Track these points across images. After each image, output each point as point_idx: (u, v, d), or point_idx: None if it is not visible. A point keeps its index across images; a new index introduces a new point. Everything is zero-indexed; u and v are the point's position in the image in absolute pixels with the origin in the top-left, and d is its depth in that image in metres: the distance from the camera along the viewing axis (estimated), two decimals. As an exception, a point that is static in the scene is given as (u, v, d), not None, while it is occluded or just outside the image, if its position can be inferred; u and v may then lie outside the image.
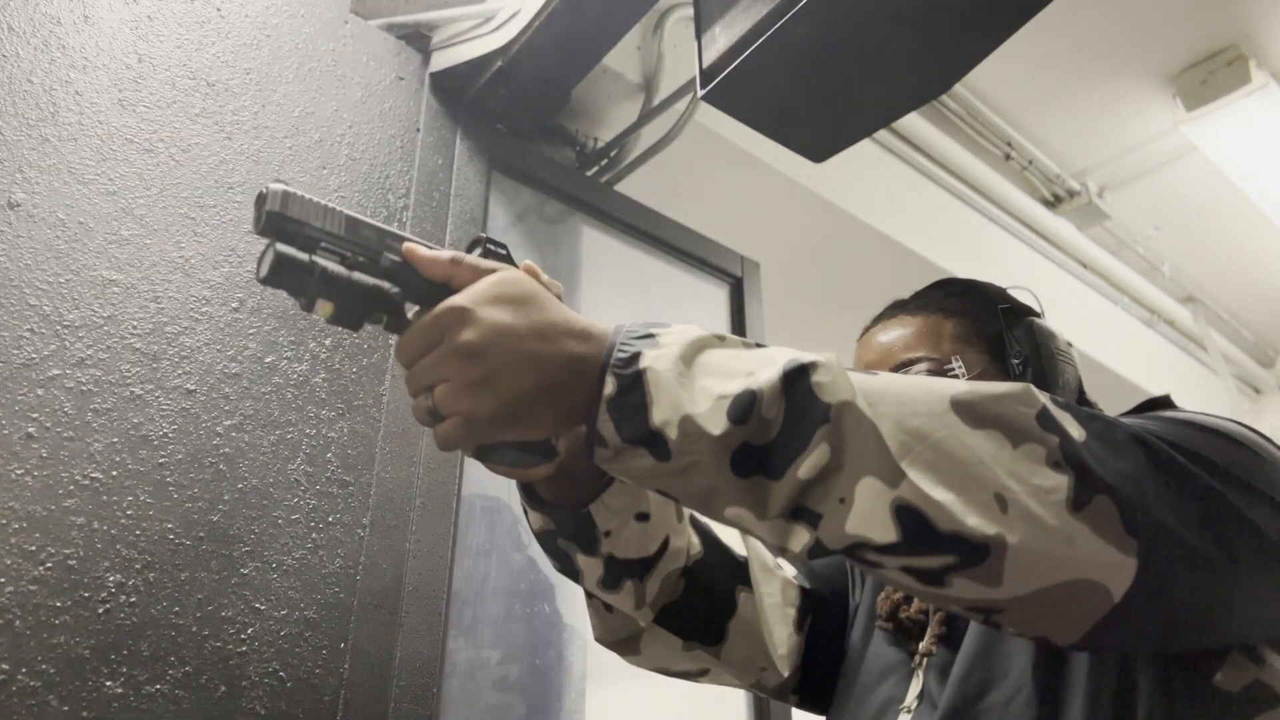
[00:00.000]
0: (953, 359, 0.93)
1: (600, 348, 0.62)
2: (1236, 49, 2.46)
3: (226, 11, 1.36)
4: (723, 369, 0.60)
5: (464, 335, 0.61)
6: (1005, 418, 0.59)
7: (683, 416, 0.58)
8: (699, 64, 1.25)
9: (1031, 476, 0.57)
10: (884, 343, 0.98)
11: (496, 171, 1.63)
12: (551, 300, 0.65)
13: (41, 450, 1.02)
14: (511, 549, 1.45)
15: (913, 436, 0.58)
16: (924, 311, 0.98)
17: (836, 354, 0.61)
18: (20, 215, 1.08)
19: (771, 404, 0.58)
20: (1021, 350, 0.94)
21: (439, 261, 0.66)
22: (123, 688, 0.99)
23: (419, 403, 0.64)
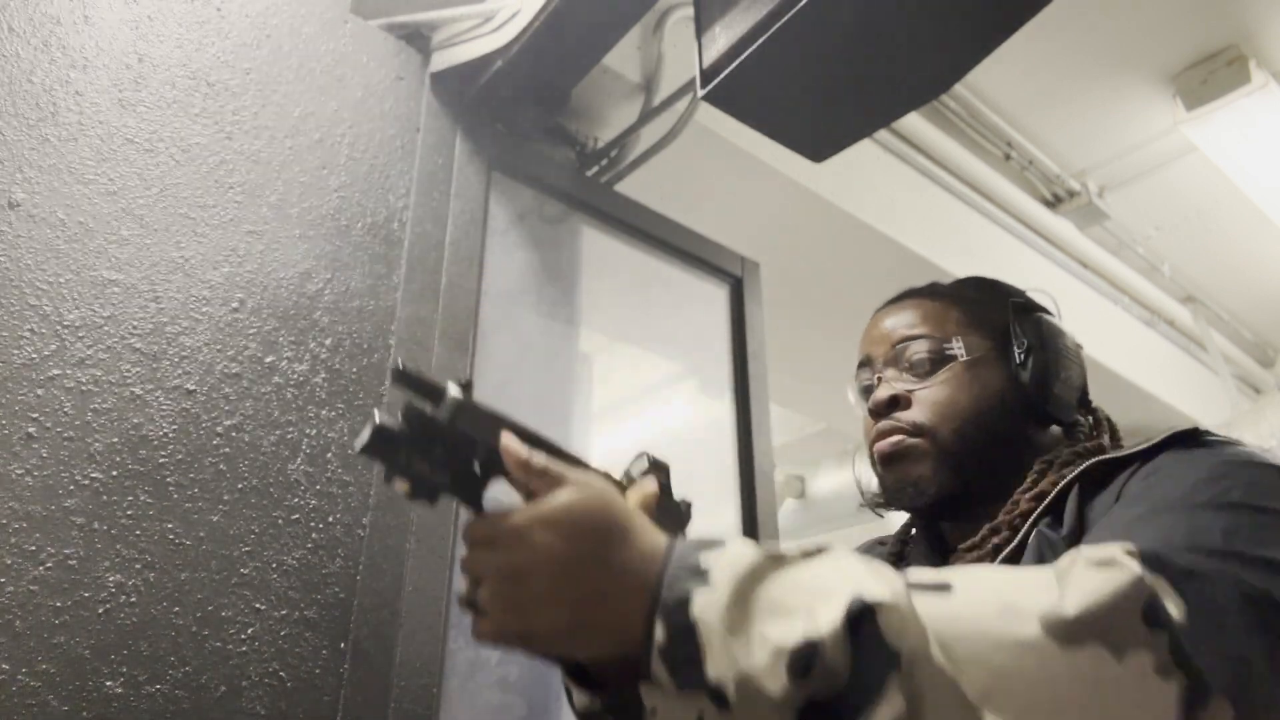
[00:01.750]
0: (953, 339, 0.94)
1: (649, 580, 0.59)
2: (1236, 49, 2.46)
3: (226, 11, 1.36)
4: (780, 606, 0.55)
5: (511, 556, 0.61)
6: (1106, 626, 0.55)
7: (739, 675, 0.53)
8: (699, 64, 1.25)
9: (1139, 697, 0.54)
10: (888, 324, 1.00)
11: (496, 171, 1.63)
12: (621, 535, 0.62)
13: (41, 450, 1.02)
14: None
15: (995, 677, 0.53)
16: (933, 297, 1.00)
17: (903, 585, 0.57)
18: (20, 215, 1.08)
19: (836, 653, 0.53)
20: (1026, 341, 0.93)
21: (521, 463, 0.66)
22: (123, 688, 0.99)
23: (464, 587, 0.65)
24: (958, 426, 0.91)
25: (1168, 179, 2.94)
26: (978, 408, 0.91)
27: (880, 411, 0.94)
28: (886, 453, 0.93)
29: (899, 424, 0.93)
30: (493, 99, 1.60)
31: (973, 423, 0.91)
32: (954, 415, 0.91)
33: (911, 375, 0.95)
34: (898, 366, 0.96)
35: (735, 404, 1.83)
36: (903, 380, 0.95)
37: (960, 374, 0.93)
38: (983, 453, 0.90)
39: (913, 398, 0.93)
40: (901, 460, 0.92)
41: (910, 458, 0.92)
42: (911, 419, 0.92)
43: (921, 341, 0.95)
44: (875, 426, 0.95)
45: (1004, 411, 0.92)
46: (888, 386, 0.95)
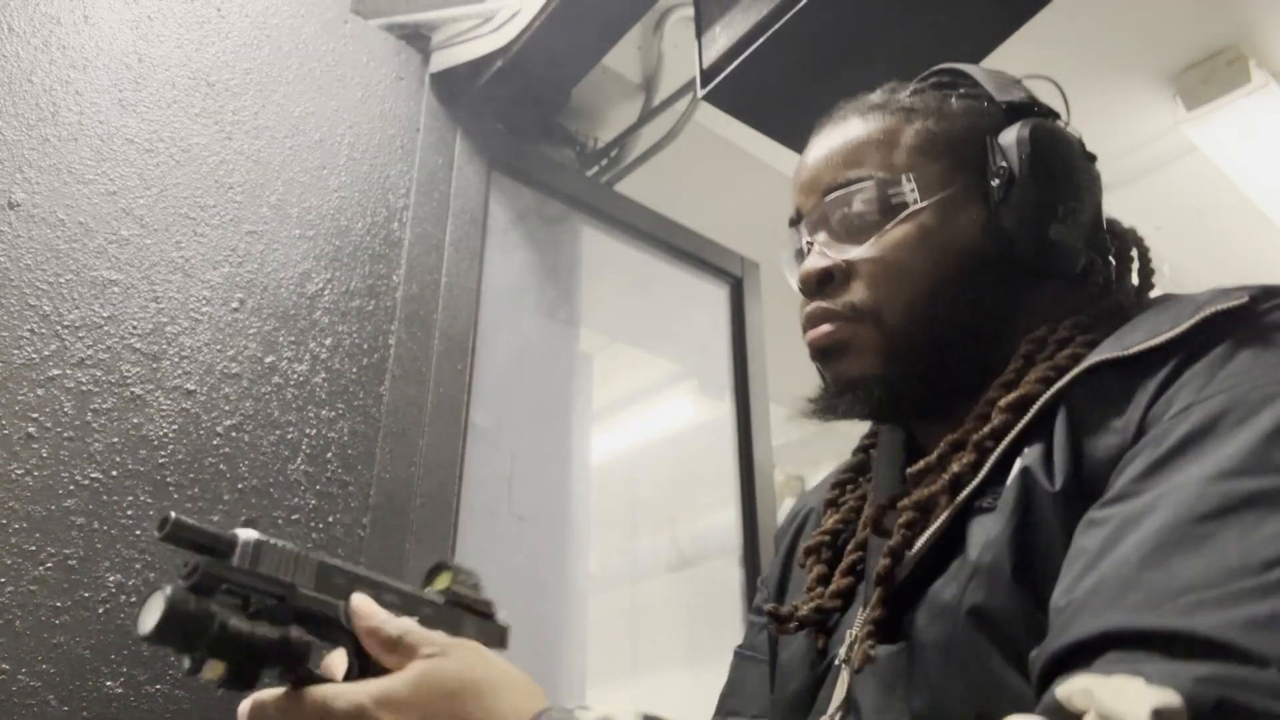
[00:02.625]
0: (903, 177, 0.68)
1: None
2: (1236, 49, 2.45)
3: (226, 11, 1.36)
4: None
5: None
6: None
7: None
8: (699, 64, 1.25)
9: None
10: (817, 159, 0.74)
11: (496, 171, 1.63)
12: (477, 695, 0.56)
13: (41, 450, 1.02)
14: (511, 549, 1.45)
15: None
16: (880, 110, 0.73)
17: None
18: (20, 215, 1.08)
19: None
20: (1006, 165, 0.67)
21: (376, 636, 0.57)
22: (123, 688, 0.99)
23: None
24: (910, 303, 0.66)
25: (1168, 179, 2.94)
26: (936, 273, 0.66)
27: (810, 289, 0.71)
28: (817, 346, 0.71)
29: (832, 307, 0.69)
30: (493, 99, 1.60)
31: (929, 295, 0.66)
32: (905, 287, 0.67)
33: (851, 234, 0.70)
34: (831, 224, 0.71)
35: (735, 404, 1.83)
36: (839, 244, 0.70)
37: (914, 229, 0.67)
38: (947, 335, 0.66)
39: (853, 268, 0.69)
40: (839, 356, 0.69)
41: (849, 352, 0.69)
42: (849, 300, 0.68)
43: (859, 188, 0.69)
44: (805, 307, 0.72)
45: (975, 272, 0.67)
46: (818, 255, 0.70)
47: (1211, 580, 0.42)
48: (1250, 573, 0.41)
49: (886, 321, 0.67)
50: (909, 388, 0.67)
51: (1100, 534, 0.49)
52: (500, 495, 1.46)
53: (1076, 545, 0.50)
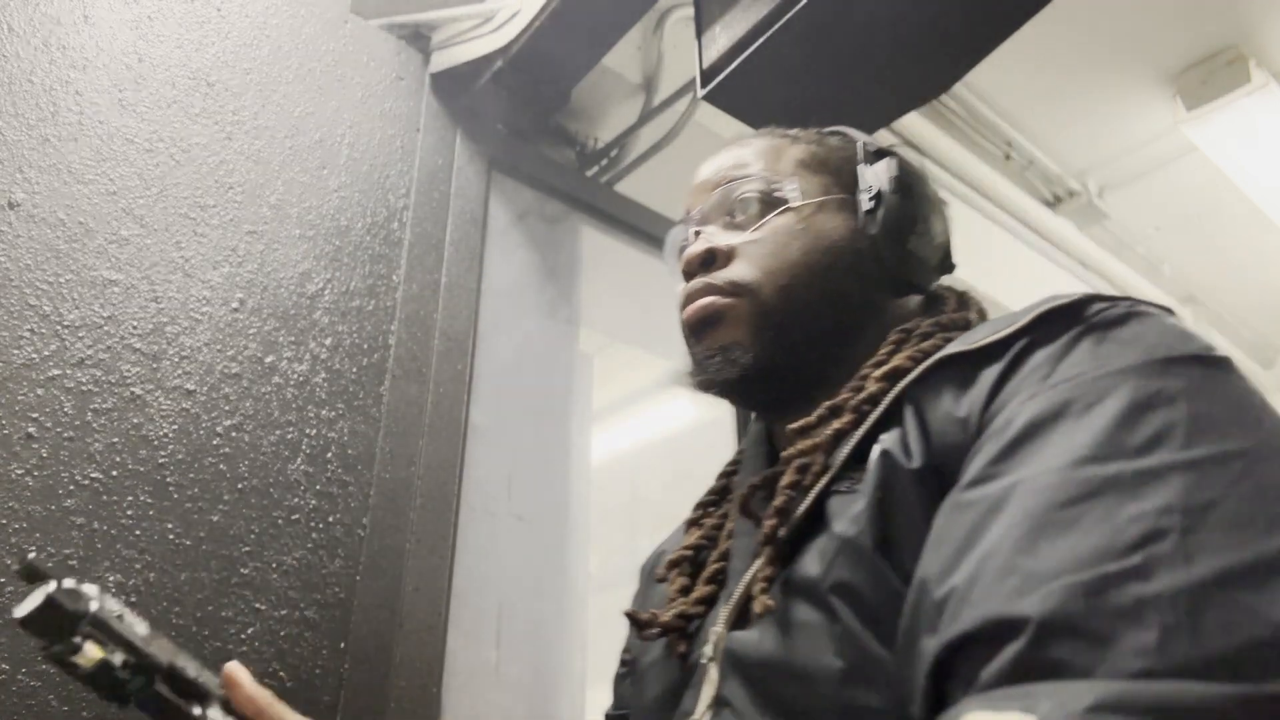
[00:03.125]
0: (786, 181, 0.77)
1: None
2: (1236, 49, 2.45)
3: (226, 11, 1.36)
4: None
5: None
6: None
7: None
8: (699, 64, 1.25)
9: None
10: (709, 169, 0.82)
11: (496, 171, 1.63)
12: None
13: (41, 450, 1.02)
14: (511, 549, 1.45)
15: None
16: (768, 135, 0.83)
17: None
18: (20, 215, 1.08)
19: None
20: (876, 186, 0.76)
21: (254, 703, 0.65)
22: (123, 688, 0.99)
23: None
24: (785, 283, 0.73)
25: (1168, 179, 2.94)
26: (809, 261, 0.74)
27: (692, 270, 0.76)
28: (695, 318, 0.75)
29: (714, 282, 0.75)
30: (493, 99, 1.60)
31: (803, 280, 0.73)
32: (781, 269, 0.73)
33: (735, 225, 0.77)
34: (719, 216, 0.79)
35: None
36: (725, 233, 0.77)
37: (793, 222, 0.75)
38: (815, 317, 0.73)
39: (735, 251, 0.76)
40: (714, 325, 0.74)
41: (723, 322, 0.74)
42: (729, 277, 0.74)
43: (748, 182, 0.77)
44: (685, 289, 0.77)
45: (843, 269, 0.74)
46: (705, 239, 0.77)
47: (1080, 563, 0.43)
48: (1115, 555, 0.43)
49: (762, 297, 0.73)
50: (772, 360, 0.73)
51: (966, 520, 0.50)
52: (500, 495, 1.46)
53: (941, 527, 0.52)
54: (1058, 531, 0.45)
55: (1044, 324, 0.58)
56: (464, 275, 1.50)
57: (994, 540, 0.47)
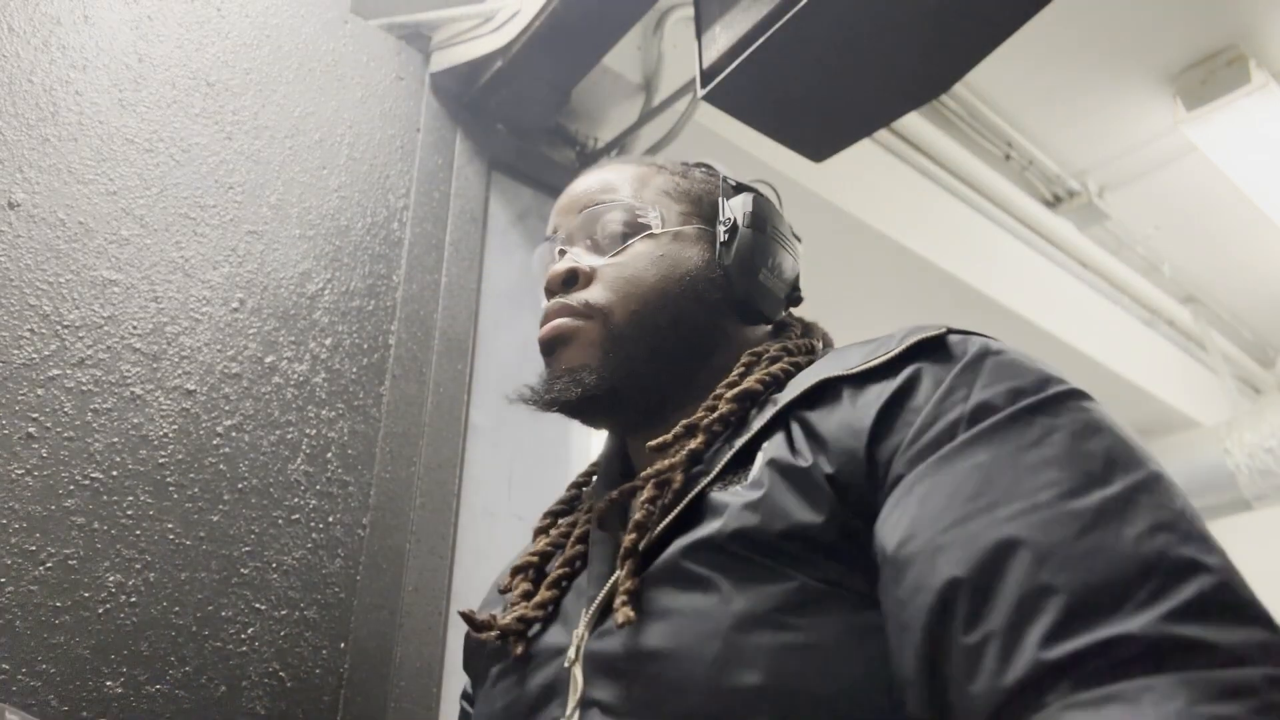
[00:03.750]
0: (650, 208, 0.80)
1: None
2: (1236, 49, 2.46)
3: (226, 11, 1.36)
4: None
5: None
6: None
7: None
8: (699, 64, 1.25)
9: None
10: (580, 187, 0.85)
11: (496, 171, 1.63)
12: None
13: (41, 450, 1.02)
14: (511, 549, 1.45)
15: None
16: (636, 163, 0.87)
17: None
18: (20, 215, 1.08)
19: None
20: (733, 218, 0.80)
21: None
22: (123, 688, 0.99)
23: None
24: (636, 309, 0.76)
25: (1168, 179, 2.94)
26: (663, 287, 0.77)
27: (554, 288, 0.79)
28: (547, 338, 0.78)
29: (570, 303, 0.78)
30: (493, 99, 1.60)
31: (655, 305, 0.76)
32: (634, 295, 0.77)
33: (597, 247, 0.81)
34: (583, 237, 0.82)
35: (735, 404, 1.82)
36: (587, 254, 0.81)
37: (652, 248, 0.79)
38: (662, 341, 0.76)
39: (595, 273, 0.79)
40: (564, 345, 0.77)
41: (573, 342, 0.77)
42: (585, 298, 0.78)
43: (612, 207, 0.80)
44: (544, 307, 0.81)
45: (696, 296, 0.78)
46: (569, 259, 0.80)
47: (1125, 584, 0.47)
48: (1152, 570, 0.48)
49: (613, 320, 0.76)
50: (619, 382, 0.75)
51: (971, 558, 0.51)
52: (500, 495, 1.46)
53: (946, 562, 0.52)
54: (1085, 564, 0.48)
55: (921, 351, 0.63)
56: (464, 275, 1.50)
57: (1023, 584, 0.49)
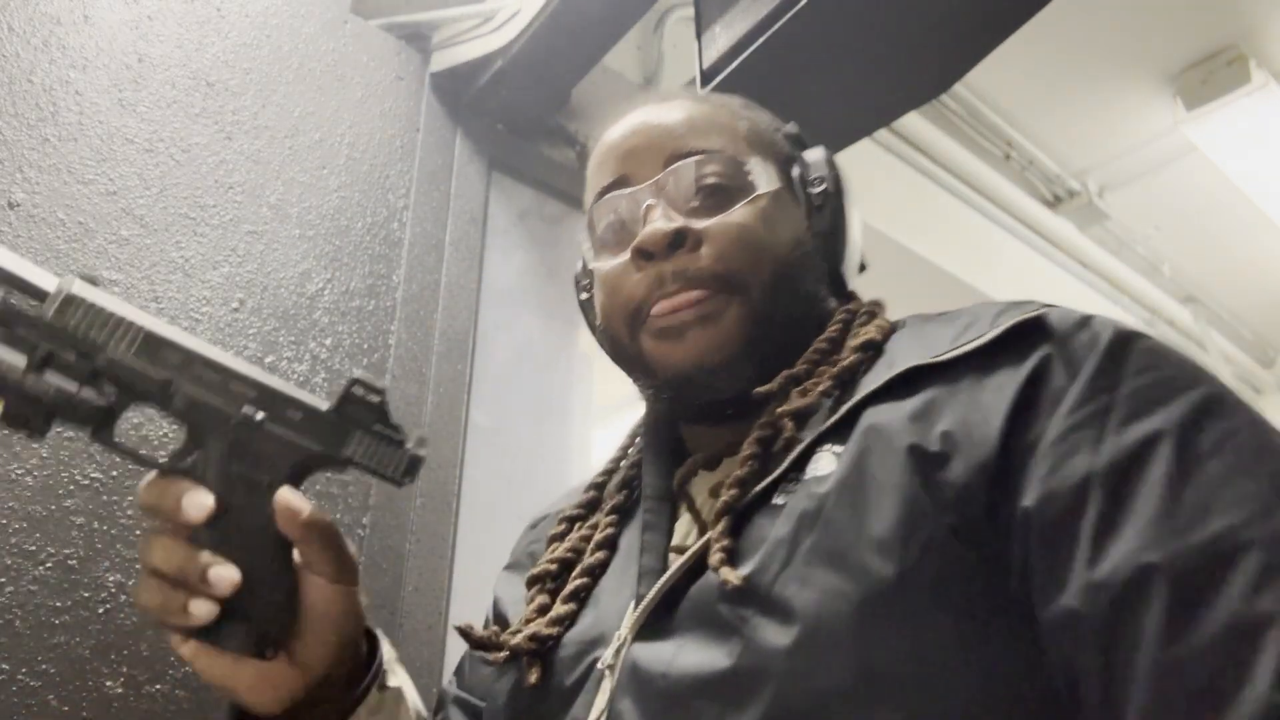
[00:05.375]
0: (752, 162, 0.68)
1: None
2: (1236, 49, 2.45)
3: (226, 11, 1.36)
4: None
5: None
6: None
7: None
8: (699, 64, 1.25)
9: None
10: (653, 128, 0.70)
11: (496, 171, 1.63)
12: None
13: (42, 450, 1.02)
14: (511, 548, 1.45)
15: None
16: (706, 101, 0.74)
17: None
18: (20, 215, 1.08)
19: None
20: (822, 180, 0.70)
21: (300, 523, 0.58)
22: (123, 688, 0.99)
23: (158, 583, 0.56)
24: (771, 279, 0.65)
25: (1168, 179, 2.94)
26: (784, 257, 0.66)
27: (655, 251, 0.64)
28: (677, 321, 0.64)
29: (690, 272, 0.64)
30: (493, 99, 1.60)
31: (783, 276, 0.65)
32: (764, 264, 0.65)
33: (693, 207, 0.66)
34: (673, 194, 0.67)
35: (735, 404, 1.82)
36: (689, 210, 0.66)
37: (763, 208, 0.67)
38: (795, 321, 0.66)
39: (705, 236, 0.65)
40: (703, 326, 0.63)
41: (716, 324, 0.63)
42: (708, 267, 0.64)
43: (713, 159, 0.67)
44: (647, 275, 0.65)
45: (806, 266, 0.68)
46: (664, 220, 0.65)
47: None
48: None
49: (753, 294, 0.64)
50: (755, 371, 0.64)
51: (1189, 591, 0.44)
52: (500, 495, 1.46)
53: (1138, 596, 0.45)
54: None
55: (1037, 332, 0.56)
56: (464, 275, 1.50)
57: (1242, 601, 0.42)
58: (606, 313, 0.70)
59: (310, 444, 0.58)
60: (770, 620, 0.52)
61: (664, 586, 0.58)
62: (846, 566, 0.51)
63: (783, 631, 0.51)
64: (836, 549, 0.52)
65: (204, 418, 0.56)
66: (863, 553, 0.51)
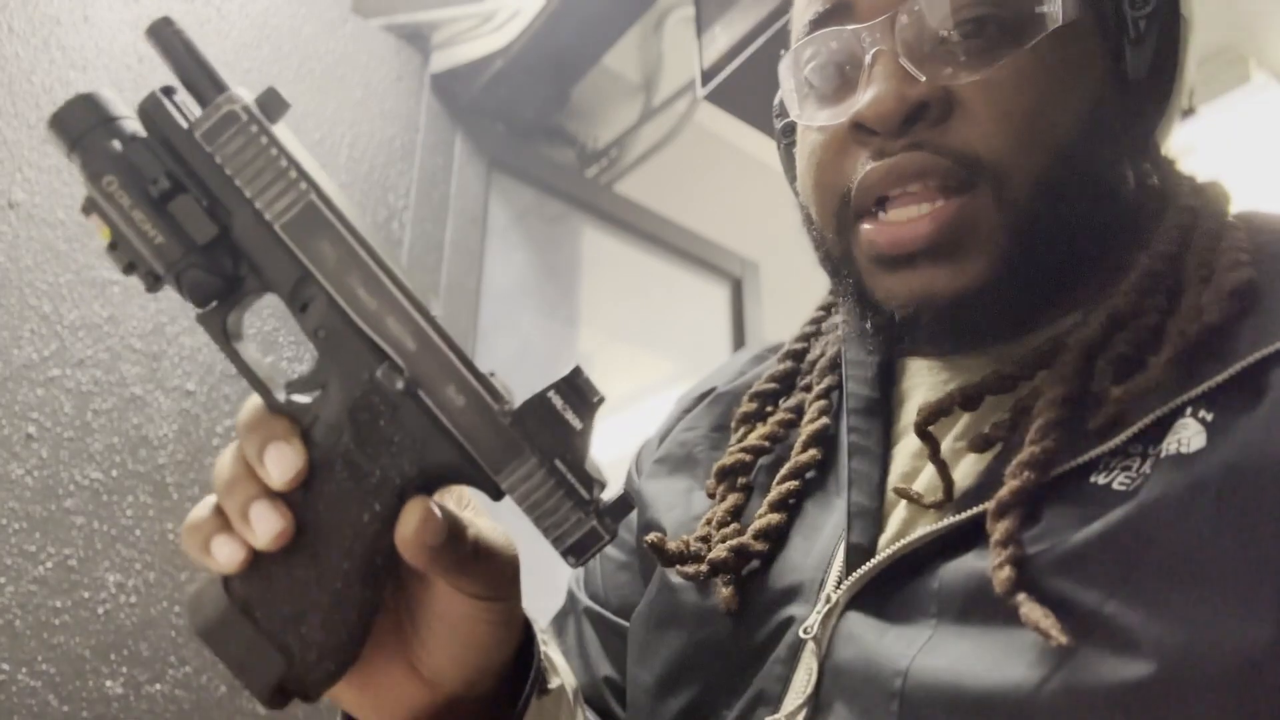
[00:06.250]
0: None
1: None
2: (1236, 49, 2.45)
3: (226, 12, 1.36)
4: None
5: None
6: None
7: None
8: (699, 64, 1.25)
9: None
10: None
11: (496, 171, 1.63)
12: None
13: (41, 450, 1.02)
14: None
15: None
16: None
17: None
18: (20, 215, 1.08)
19: None
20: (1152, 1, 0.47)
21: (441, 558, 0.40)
22: (123, 688, 0.99)
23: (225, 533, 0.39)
24: (1046, 167, 0.45)
25: (1168, 179, 2.94)
26: (1074, 129, 0.46)
27: (891, 125, 0.46)
28: (924, 244, 0.45)
29: (935, 159, 0.45)
30: (493, 99, 1.60)
31: (1067, 160, 0.45)
32: (1041, 143, 0.45)
33: (944, 55, 0.46)
34: (916, 34, 0.46)
35: (735, 404, 1.82)
36: (938, 60, 0.46)
37: (1053, 55, 0.45)
38: (1073, 225, 0.46)
39: (956, 100, 0.45)
40: (949, 253, 0.45)
41: (966, 245, 0.45)
42: (956, 146, 0.45)
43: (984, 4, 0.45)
44: (868, 156, 0.47)
45: (1106, 138, 0.47)
46: (900, 78, 0.46)
47: None
48: None
49: (1013, 191, 0.45)
50: (1017, 311, 0.47)
51: None
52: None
53: None
54: None
55: None
56: (464, 275, 1.50)
57: None
58: (807, 193, 0.53)
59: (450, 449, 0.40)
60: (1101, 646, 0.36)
61: (894, 555, 0.44)
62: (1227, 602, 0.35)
63: (1125, 663, 0.35)
64: (1214, 572, 0.35)
65: (335, 351, 0.39)
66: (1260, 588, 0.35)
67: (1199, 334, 0.40)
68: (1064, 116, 0.46)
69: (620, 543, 0.64)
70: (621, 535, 0.61)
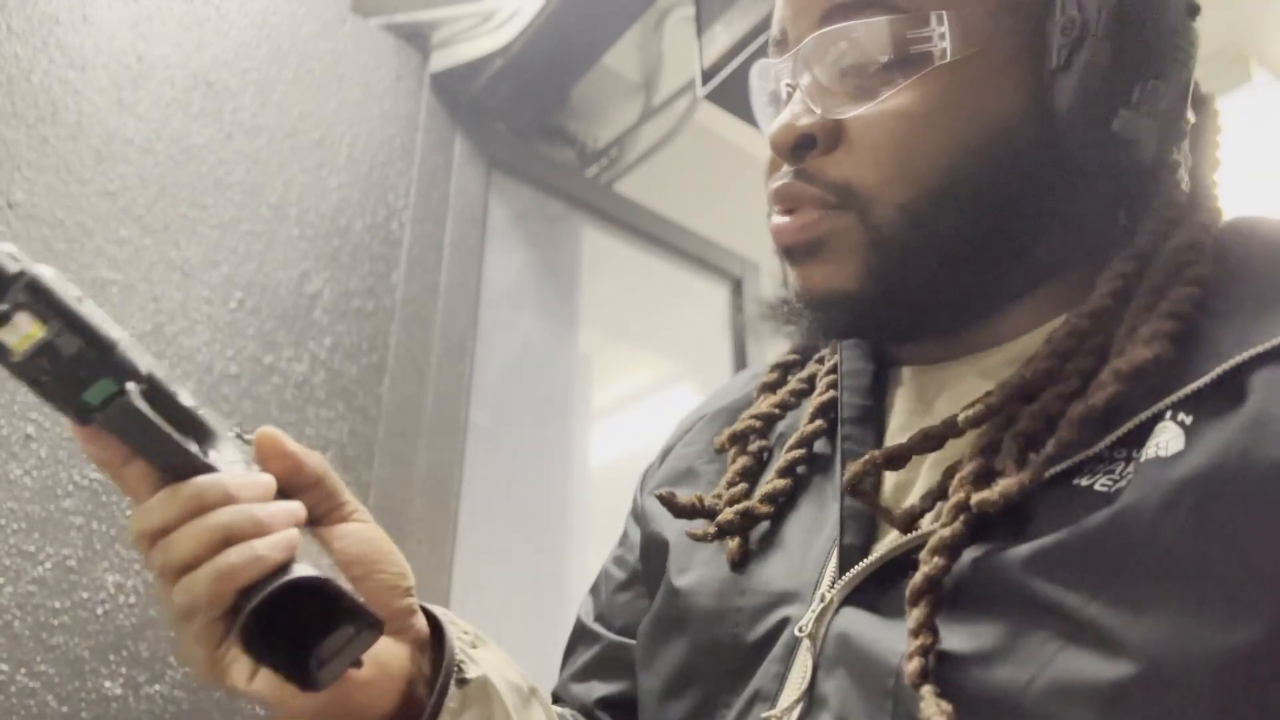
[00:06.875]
0: (933, 16, 0.47)
1: None
2: (1237, 48, 2.45)
3: (225, 11, 1.36)
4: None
5: None
6: None
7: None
8: (699, 63, 1.25)
9: None
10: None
11: (496, 171, 1.63)
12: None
13: (41, 450, 1.02)
14: (511, 549, 1.45)
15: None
16: None
17: None
18: (19, 215, 1.08)
19: None
20: (1079, 17, 0.46)
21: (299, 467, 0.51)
22: (122, 688, 0.99)
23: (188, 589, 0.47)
24: (915, 196, 0.48)
25: (1168, 179, 2.94)
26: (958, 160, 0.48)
27: (782, 154, 0.52)
28: (786, 243, 0.52)
29: (809, 187, 0.50)
30: (493, 99, 1.60)
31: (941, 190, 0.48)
32: (910, 174, 0.48)
33: (846, 87, 0.50)
34: (823, 66, 0.50)
35: (735, 404, 1.82)
36: (830, 95, 0.50)
37: (938, 88, 0.48)
38: (954, 248, 0.49)
39: (844, 132, 0.49)
40: (811, 257, 0.51)
41: (824, 253, 0.50)
42: (833, 176, 0.49)
43: (869, 22, 0.48)
44: (773, 179, 0.53)
45: (1008, 165, 0.48)
46: (800, 106, 0.51)
47: None
48: None
49: (876, 215, 0.48)
50: (891, 312, 0.51)
51: None
52: (500, 495, 1.46)
53: None
54: None
55: None
56: (464, 275, 1.50)
57: None
58: None
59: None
60: (1085, 647, 0.38)
61: (887, 555, 0.46)
62: (1206, 603, 0.36)
63: (1109, 663, 0.37)
64: (1194, 573, 0.37)
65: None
66: (1239, 589, 0.36)
67: (1083, 416, 0.41)
68: (948, 146, 0.48)
69: (621, 563, 0.68)
70: (623, 556, 0.67)
